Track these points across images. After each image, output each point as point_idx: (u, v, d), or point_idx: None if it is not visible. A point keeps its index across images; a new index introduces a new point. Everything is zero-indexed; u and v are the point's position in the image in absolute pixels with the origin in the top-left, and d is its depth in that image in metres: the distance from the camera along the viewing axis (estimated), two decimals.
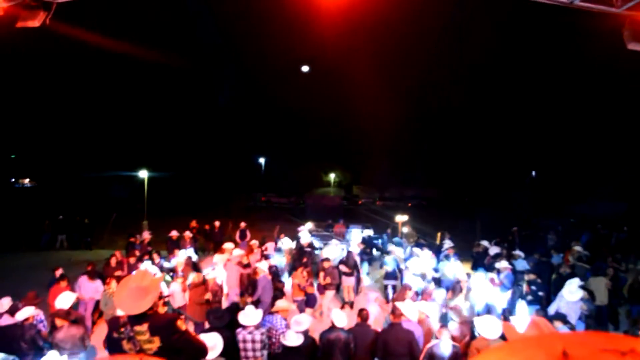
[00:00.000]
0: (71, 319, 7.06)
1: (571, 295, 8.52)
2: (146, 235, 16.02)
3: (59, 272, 9.80)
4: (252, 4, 63.72)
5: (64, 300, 7.35)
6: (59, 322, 7.04)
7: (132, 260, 12.29)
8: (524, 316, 8.33)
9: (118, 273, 11.04)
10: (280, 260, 13.83)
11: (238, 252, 12.15)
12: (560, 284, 9.53)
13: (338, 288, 12.11)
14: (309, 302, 10.39)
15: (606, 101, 51.06)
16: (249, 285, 10.21)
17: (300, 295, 10.63)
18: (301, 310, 9.86)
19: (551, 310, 8.48)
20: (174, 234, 15.99)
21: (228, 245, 12.62)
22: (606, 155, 48.64)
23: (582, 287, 9.17)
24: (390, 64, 64.51)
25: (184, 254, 12.50)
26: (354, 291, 12.42)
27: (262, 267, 10.24)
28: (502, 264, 11.18)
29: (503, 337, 5.78)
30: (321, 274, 11.36)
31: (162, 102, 62.07)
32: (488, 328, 5.97)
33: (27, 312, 6.74)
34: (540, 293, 9.79)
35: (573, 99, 54.96)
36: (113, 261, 11.93)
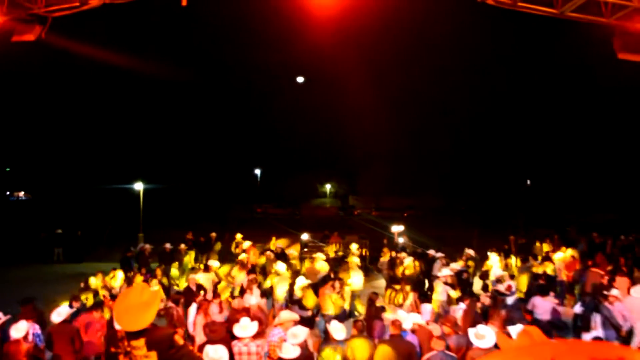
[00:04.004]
0: None
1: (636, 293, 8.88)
2: (147, 247, 15.71)
3: (77, 304, 8.54)
4: (247, 15, 64.19)
5: (60, 314, 7.22)
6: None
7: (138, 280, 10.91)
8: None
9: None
10: None
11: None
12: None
13: None
14: (337, 317, 8.81)
15: (599, 110, 51.57)
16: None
17: (330, 309, 9.44)
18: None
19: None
20: (168, 246, 15.89)
21: (213, 262, 12.29)
22: (601, 164, 48.99)
23: None
24: (386, 75, 65.02)
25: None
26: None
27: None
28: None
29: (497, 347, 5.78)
30: None
31: (157, 114, 62.13)
32: (482, 338, 5.97)
33: (22, 328, 6.31)
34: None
35: (567, 108, 55.53)
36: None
